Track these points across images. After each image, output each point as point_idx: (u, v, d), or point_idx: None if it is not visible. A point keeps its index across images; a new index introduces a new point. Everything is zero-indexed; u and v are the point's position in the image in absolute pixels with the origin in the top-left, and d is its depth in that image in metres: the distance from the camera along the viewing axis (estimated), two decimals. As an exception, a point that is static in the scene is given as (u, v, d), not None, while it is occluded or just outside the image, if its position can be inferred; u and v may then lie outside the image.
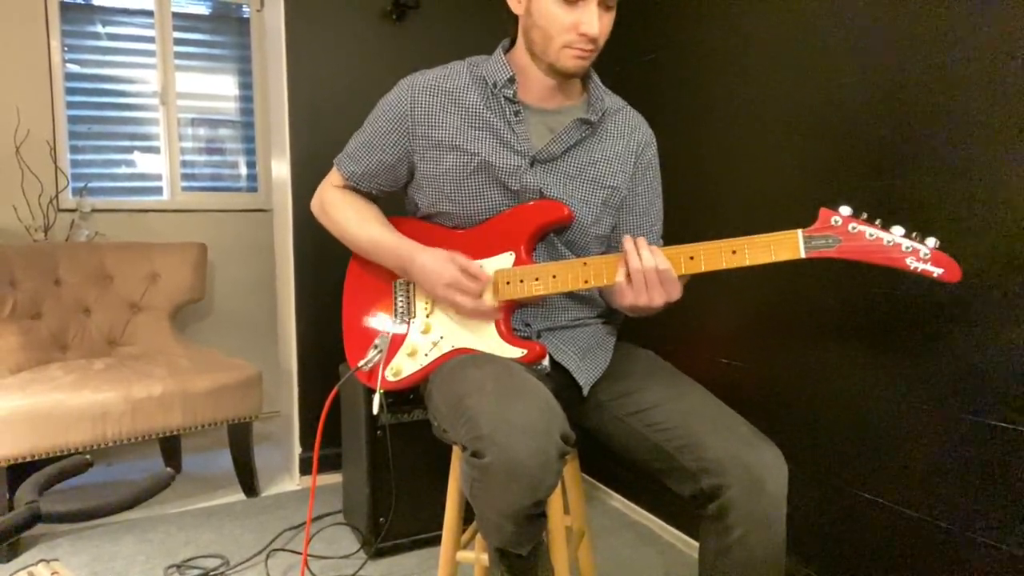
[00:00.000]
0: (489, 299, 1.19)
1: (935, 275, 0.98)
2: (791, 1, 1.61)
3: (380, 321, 1.31)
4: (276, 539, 2.01)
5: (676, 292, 1.09)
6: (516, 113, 1.21)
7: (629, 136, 1.29)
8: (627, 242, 1.10)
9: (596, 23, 1.12)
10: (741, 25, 1.76)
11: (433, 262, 1.18)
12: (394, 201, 1.37)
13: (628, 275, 1.09)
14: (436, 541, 1.47)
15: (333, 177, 1.37)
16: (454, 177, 1.22)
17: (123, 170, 2.95)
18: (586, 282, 1.15)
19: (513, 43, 1.26)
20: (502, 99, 1.22)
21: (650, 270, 1.07)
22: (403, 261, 1.23)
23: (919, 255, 0.99)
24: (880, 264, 1.00)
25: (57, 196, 2.74)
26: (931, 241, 0.99)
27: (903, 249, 0.99)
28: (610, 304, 1.30)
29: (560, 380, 1.20)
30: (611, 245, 1.30)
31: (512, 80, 1.21)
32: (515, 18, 1.23)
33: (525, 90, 1.24)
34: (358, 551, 1.94)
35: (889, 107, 1.40)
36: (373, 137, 1.28)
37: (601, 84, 1.28)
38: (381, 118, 1.28)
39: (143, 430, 2.05)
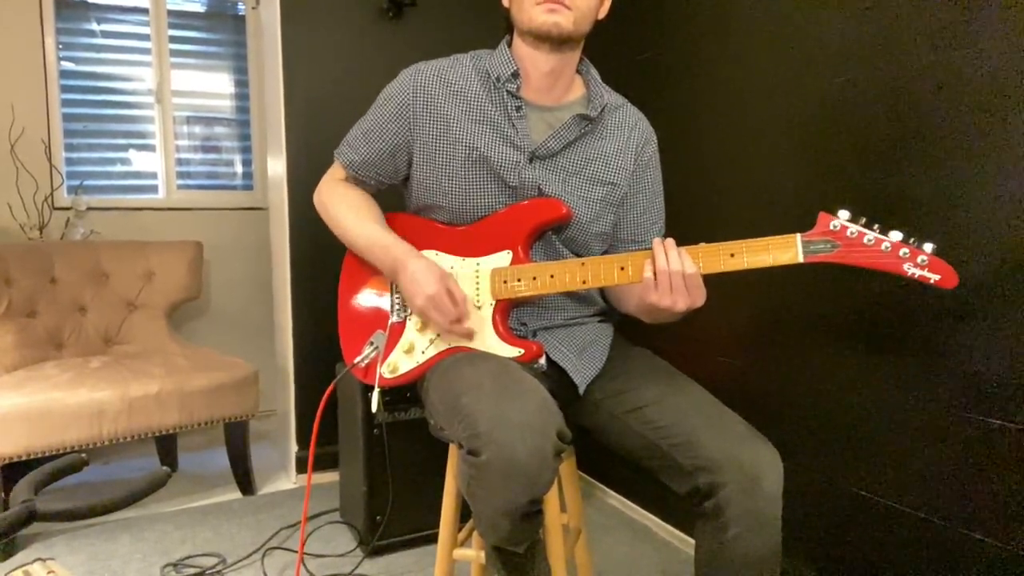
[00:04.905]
0: (470, 323, 1.18)
1: (932, 281, 0.99)
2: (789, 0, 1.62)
3: (376, 318, 1.31)
4: (273, 537, 2.01)
5: (700, 299, 1.07)
6: (518, 108, 1.21)
7: (629, 133, 1.29)
8: (656, 242, 1.08)
9: None
10: (738, 24, 1.76)
11: (424, 273, 1.16)
12: (394, 197, 1.37)
13: (655, 274, 1.07)
14: (433, 539, 1.47)
15: (334, 170, 1.36)
16: (452, 169, 1.22)
17: (118, 168, 2.94)
18: (584, 282, 1.15)
19: (512, 40, 1.26)
20: (504, 93, 1.22)
21: (676, 273, 1.05)
22: (395, 263, 1.21)
23: (916, 261, 0.99)
24: (878, 269, 1.01)
25: (52, 194, 2.73)
26: (928, 247, 0.99)
27: (900, 255, 1.00)
28: (619, 306, 1.30)
29: (556, 378, 1.20)
30: (612, 244, 1.30)
31: (516, 75, 1.21)
32: (508, 19, 1.23)
33: (525, 86, 1.23)
34: (355, 549, 1.94)
35: (888, 106, 1.40)
36: (374, 125, 1.28)
37: (601, 81, 1.28)
38: (383, 106, 1.27)
39: (139, 428, 2.05)
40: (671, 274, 1.05)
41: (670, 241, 1.07)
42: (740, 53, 1.76)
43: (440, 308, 1.15)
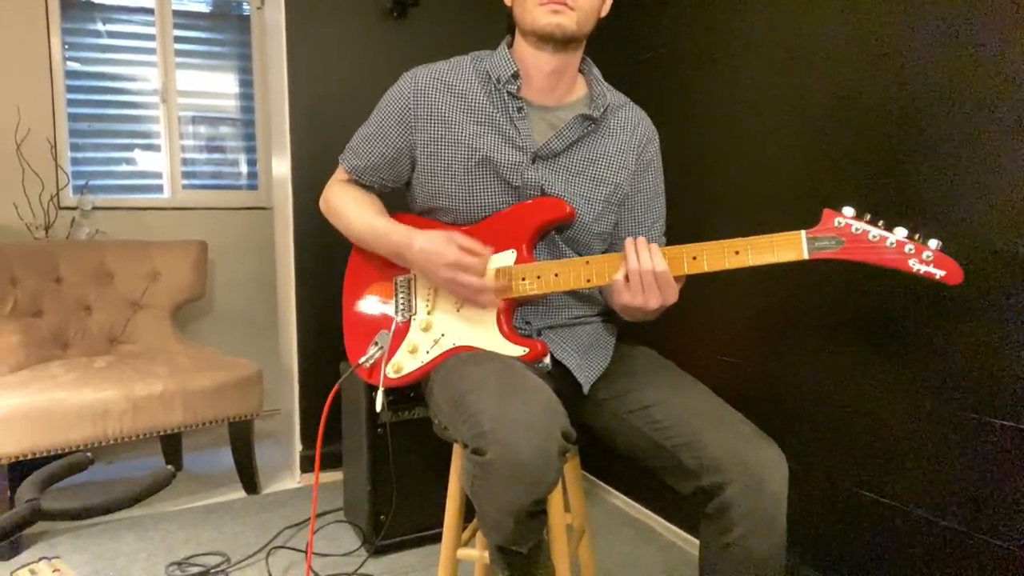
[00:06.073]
0: (491, 277, 1.18)
1: (937, 277, 0.98)
2: (792, -2, 1.61)
3: (381, 318, 1.31)
4: (277, 537, 2.01)
5: (672, 296, 1.09)
6: (519, 109, 1.21)
7: (632, 132, 1.28)
8: (628, 242, 1.10)
9: None
10: (740, 23, 1.76)
11: (432, 244, 1.16)
12: (397, 198, 1.37)
13: (627, 275, 1.09)
14: (437, 539, 1.47)
15: (339, 173, 1.37)
16: (455, 172, 1.22)
17: (124, 168, 2.95)
18: (588, 281, 1.14)
19: (514, 39, 1.26)
20: (505, 95, 1.21)
21: (647, 272, 1.07)
22: (400, 247, 1.22)
23: (922, 257, 0.99)
24: (883, 265, 1.00)
25: (58, 194, 2.74)
26: (934, 243, 0.99)
27: (906, 251, 0.99)
28: (609, 303, 1.30)
29: (561, 378, 1.20)
30: (613, 243, 1.30)
31: (516, 76, 1.21)
32: (511, 18, 1.23)
33: (527, 86, 1.23)
34: (359, 549, 1.95)
35: (892, 104, 1.40)
36: (376, 130, 1.28)
37: (603, 80, 1.28)
38: (384, 111, 1.27)
39: (144, 428, 2.05)
40: (642, 273, 1.07)
41: (641, 240, 1.09)
42: (742, 52, 1.75)
43: (466, 266, 1.14)
